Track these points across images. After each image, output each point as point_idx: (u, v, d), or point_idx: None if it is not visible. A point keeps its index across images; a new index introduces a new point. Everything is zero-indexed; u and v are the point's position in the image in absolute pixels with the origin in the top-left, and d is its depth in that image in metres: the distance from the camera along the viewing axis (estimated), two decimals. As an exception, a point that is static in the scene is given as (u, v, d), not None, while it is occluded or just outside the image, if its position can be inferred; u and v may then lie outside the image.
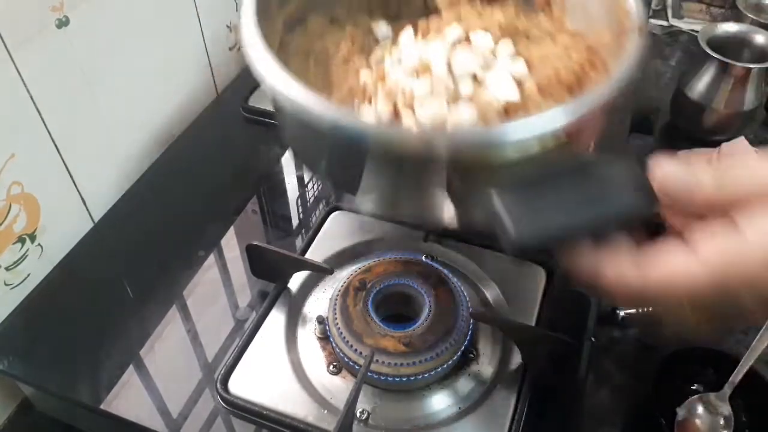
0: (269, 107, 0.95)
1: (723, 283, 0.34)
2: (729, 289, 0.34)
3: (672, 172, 0.38)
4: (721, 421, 0.68)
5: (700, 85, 1.07)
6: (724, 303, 0.35)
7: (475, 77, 0.56)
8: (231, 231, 0.84)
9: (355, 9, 0.70)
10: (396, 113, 0.55)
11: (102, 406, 0.66)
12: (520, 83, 0.55)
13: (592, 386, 0.73)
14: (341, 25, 0.68)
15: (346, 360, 0.65)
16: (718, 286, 0.34)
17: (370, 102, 0.57)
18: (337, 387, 0.65)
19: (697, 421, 0.69)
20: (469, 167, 0.42)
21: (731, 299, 0.35)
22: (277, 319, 0.71)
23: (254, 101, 1.02)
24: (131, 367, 0.70)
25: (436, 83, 0.54)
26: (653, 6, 1.43)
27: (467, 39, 0.59)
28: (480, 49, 0.57)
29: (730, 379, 0.67)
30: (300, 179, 0.93)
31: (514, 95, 0.53)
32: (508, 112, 0.53)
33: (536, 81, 0.54)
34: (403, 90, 0.55)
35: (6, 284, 0.74)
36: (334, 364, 0.67)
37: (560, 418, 0.69)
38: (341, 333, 0.65)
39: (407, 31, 0.63)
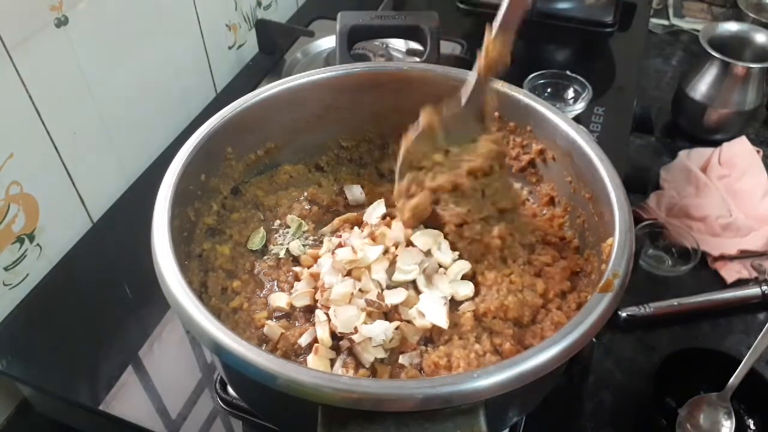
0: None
1: None
2: None
3: None
4: (723, 422, 0.68)
5: (702, 84, 1.07)
6: None
7: (414, 285, 0.55)
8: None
9: (342, 161, 0.72)
10: (312, 306, 0.56)
11: (101, 407, 0.66)
12: (458, 303, 0.55)
13: (593, 386, 0.73)
14: (317, 178, 0.70)
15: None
16: None
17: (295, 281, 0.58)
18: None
19: (699, 422, 0.68)
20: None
21: None
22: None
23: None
24: (130, 367, 0.69)
25: (360, 288, 0.54)
26: (654, 5, 1.42)
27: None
28: (428, 258, 0.57)
29: (732, 379, 0.67)
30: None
31: (443, 322, 0.52)
32: (432, 332, 0.53)
33: (479, 307, 0.54)
34: (323, 285, 0.55)
35: (5, 284, 0.74)
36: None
37: (561, 419, 0.68)
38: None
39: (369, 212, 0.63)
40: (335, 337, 0.52)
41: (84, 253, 0.81)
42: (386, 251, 0.57)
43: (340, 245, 0.59)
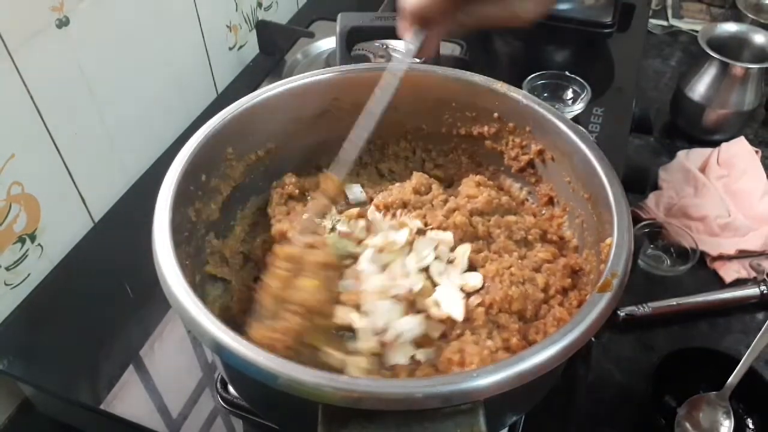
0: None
1: None
2: None
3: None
4: (722, 421, 0.68)
5: (700, 85, 1.07)
6: None
7: (428, 275, 0.56)
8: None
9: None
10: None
11: (102, 406, 0.66)
12: (469, 295, 0.55)
13: (592, 386, 0.73)
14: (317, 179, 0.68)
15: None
16: None
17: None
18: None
19: (698, 421, 0.69)
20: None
21: None
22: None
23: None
24: (131, 367, 0.70)
25: (393, 279, 0.54)
26: (653, 6, 1.43)
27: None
28: (440, 249, 0.58)
29: (730, 378, 0.68)
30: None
31: (459, 314, 0.52)
32: (447, 326, 0.53)
33: (485, 299, 0.54)
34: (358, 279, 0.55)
35: (6, 284, 0.74)
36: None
37: (560, 418, 0.69)
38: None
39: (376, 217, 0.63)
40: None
41: (85, 253, 0.81)
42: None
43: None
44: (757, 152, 1.04)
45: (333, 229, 0.62)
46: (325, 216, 0.63)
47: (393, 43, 1.02)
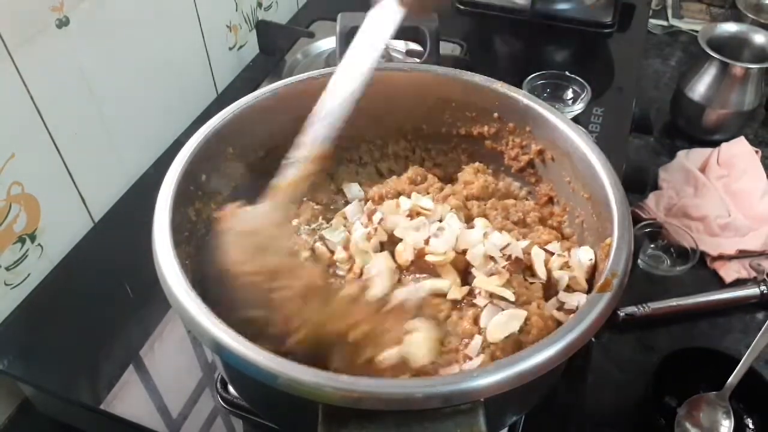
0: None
1: None
2: None
3: None
4: (722, 421, 0.68)
5: (700, 85, 1.07)
6: None
7: None
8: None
9: (341, 161, 0.71)
10: None
11: (102, 406, 0.66)
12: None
13: (592, 386, 0.73)
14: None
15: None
16: None
17: None
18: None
19: (698, 421, 0.69)
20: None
21: None
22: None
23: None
24: (131, 367, 0.70)
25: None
26: (653, 6, 1.43)
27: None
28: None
29: (731, 378, 0.68)
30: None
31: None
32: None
33: None
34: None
35: (6, 284, 0.74)
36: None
37: (560, 418, 0.69)
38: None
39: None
40: None
41: (85, 253, 0.81)
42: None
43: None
44: (757, 152, 1.04)
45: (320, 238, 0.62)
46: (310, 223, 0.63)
47: (393, 43, 1.02)
